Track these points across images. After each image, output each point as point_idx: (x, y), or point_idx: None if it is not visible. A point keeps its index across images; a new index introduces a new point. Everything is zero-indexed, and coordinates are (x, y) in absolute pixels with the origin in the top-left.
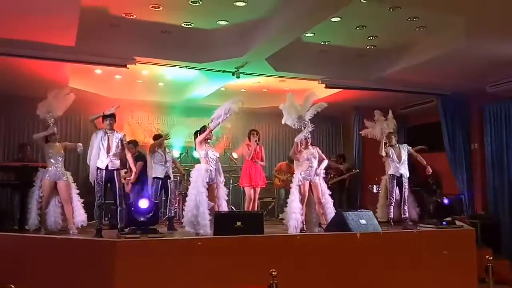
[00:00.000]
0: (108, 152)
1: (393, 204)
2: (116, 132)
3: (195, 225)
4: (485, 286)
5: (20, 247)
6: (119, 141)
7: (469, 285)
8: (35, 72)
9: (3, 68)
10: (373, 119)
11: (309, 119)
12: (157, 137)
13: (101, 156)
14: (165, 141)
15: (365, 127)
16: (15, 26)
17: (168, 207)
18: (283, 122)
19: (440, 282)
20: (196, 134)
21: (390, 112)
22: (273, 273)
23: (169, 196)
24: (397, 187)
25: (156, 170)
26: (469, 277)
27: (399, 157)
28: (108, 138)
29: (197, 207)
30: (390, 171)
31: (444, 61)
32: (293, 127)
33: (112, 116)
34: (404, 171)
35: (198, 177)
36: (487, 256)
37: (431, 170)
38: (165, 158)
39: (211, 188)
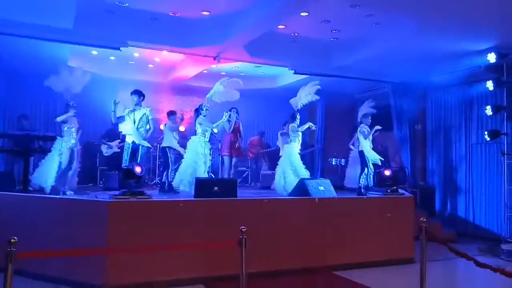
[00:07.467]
0: None
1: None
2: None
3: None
4: (419, 243)
5: (23, 206)
6: None
7: (407, 242)
8: (37, 51)
9: (10, 47)
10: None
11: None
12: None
13: None
14: None
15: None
16: (19, 8)
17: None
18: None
19: (385, 239)
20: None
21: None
22: (243, 229)
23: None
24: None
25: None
26: (407, 235)
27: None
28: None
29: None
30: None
31: (395, 53)
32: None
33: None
34: None
35: (194, 147)
36: (421, 218)
37: None
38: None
39: None
